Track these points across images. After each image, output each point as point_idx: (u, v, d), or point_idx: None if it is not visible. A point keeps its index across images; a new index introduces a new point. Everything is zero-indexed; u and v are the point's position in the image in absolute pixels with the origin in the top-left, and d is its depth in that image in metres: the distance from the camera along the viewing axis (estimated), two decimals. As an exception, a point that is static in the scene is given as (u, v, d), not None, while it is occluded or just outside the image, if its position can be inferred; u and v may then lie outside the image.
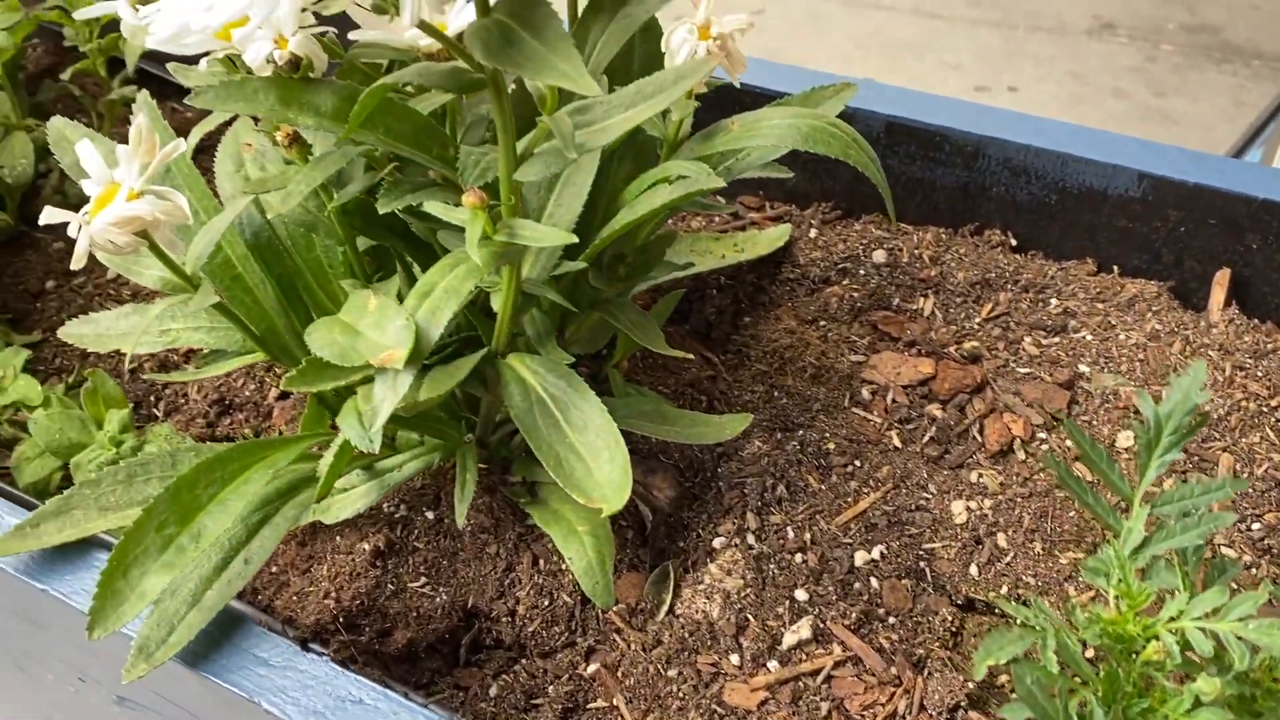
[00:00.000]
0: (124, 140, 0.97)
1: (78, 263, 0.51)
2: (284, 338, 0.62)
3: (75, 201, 0.90)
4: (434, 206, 0.50)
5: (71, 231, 0.51)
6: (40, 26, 0.95)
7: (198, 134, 0.58)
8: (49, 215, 0.50)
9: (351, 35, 0.54)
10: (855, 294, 0.75)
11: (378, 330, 0.48)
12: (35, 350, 0.80)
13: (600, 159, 0.60)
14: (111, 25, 0.92)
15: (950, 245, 0.77)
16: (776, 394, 0.69)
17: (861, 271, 0.76)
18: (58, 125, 0.63)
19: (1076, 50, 2.21)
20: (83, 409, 0.71)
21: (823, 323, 0.73)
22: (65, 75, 0.88)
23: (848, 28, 2.29)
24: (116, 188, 0.51)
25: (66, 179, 0.90)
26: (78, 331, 0.66)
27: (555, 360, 0.55)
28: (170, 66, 0.59)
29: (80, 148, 0.52)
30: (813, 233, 0.80)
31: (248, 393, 0.76)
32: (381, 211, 0.51)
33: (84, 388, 0.71)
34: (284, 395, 0.76)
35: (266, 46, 0.49)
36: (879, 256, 0.77)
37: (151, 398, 0.77)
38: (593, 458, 0.50)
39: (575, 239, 0.48)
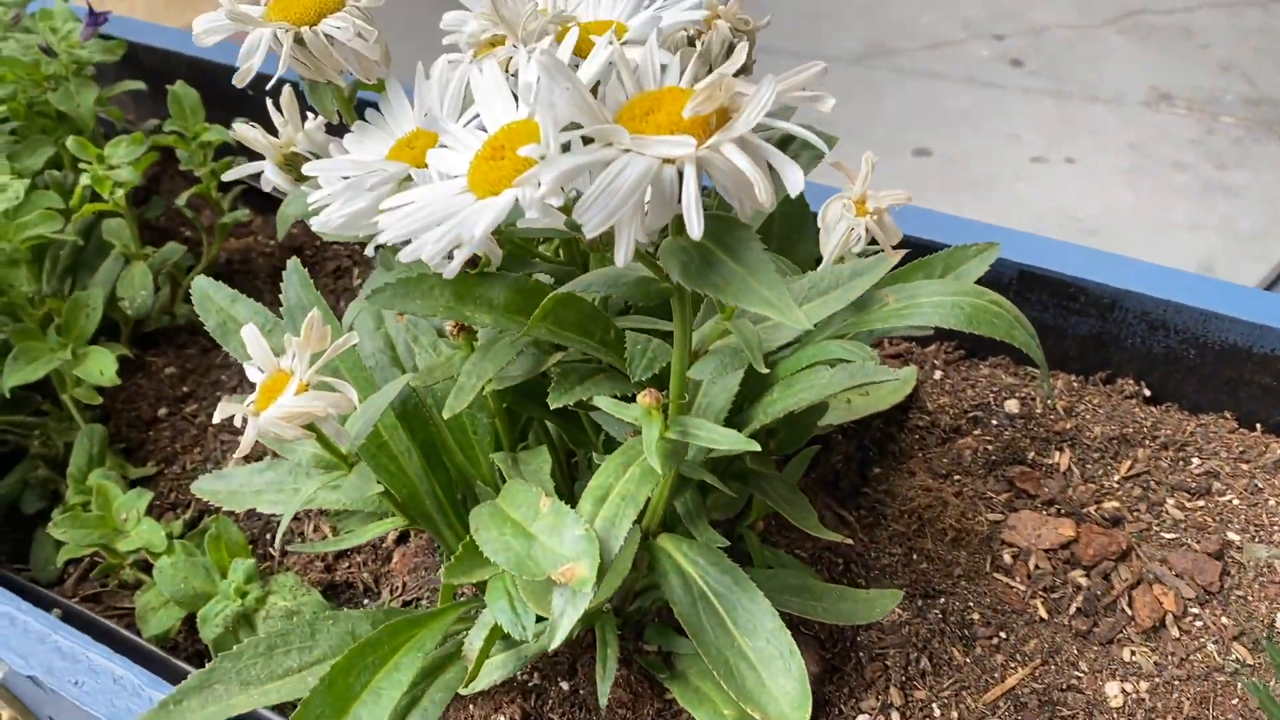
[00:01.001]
0: (233, 264, 0.97)
1: (242, 453, 0.50)
2: (425, 504, 0.61)
3: (184, 323, 0.91)
4: (604, 402, 0.49)
5: (238, 422, 0.50)
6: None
7: (353, 314, 0.57)
8: (222, 411, 0.50)
9: (521, 224, 0.54)
10: (989, 446, 0.73)
11: (553, 537, 0.47)
12: (149, 484, 0.80)
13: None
14: (224, 149, 0.93)
15: (1083, 395, 0.76)
16: (915, 557, 0.67)
17: (994, 422, 0.74)
18: (203, 286, 0.63)
19: (1134, 122, 2.19)
20: (205, 555, 0.70)
21: (957, 477, 0.72)
22: (181, 200, 0.89)
23: (902, 96, 2.28)
24: (283, 377, 0.51)
25: (176, 298, 0.91)
26: (211, 488, 0.66)
27: (713, 548, 0.54)
28: (314, 227, 0.58)
29: (246, 333, 0.51)
30: (938, 374, 0.79)
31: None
32: (553, 407, 0.50)
33: (208, 535, 0.70)
34: (402, 539, 0.75)
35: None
36: (1011, 406, 0.75)
37: (267, 535, 0.76)
38: (765, 667, 0.49)
39: (757, 447, 0.47)
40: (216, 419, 0.49)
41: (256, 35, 0.52)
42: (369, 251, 0.55)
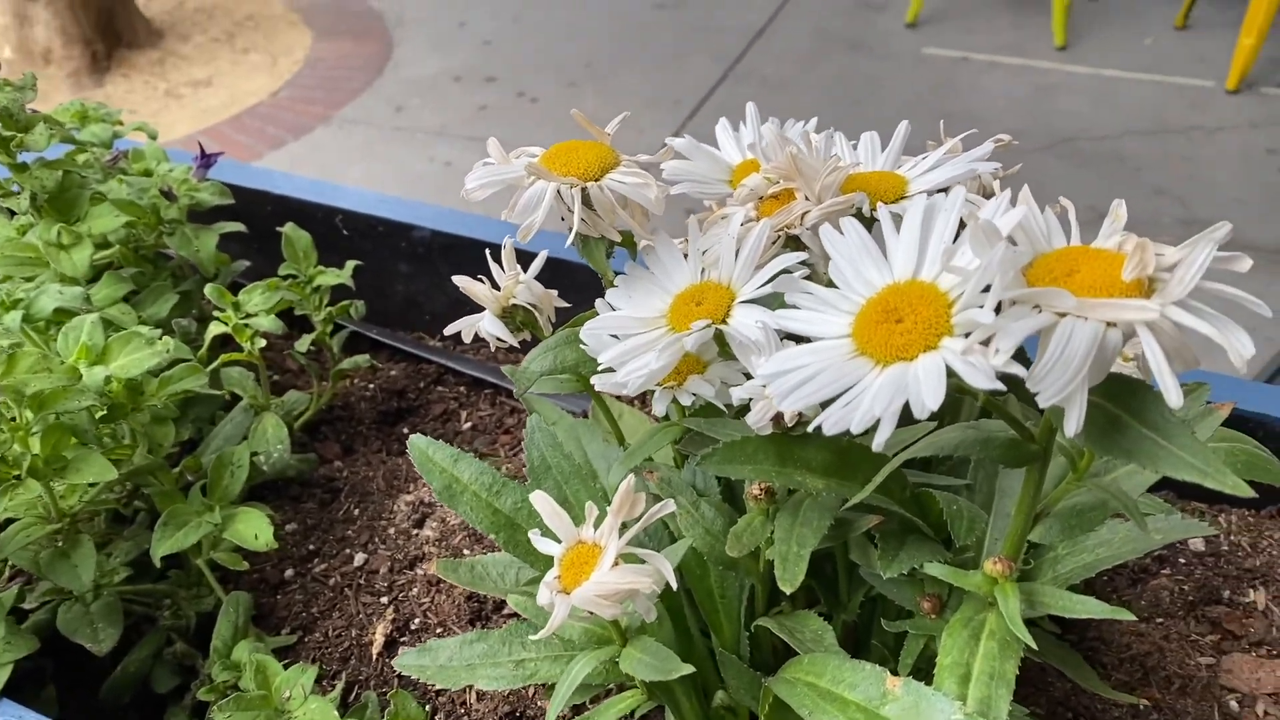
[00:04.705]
0: (335, 410, 0.92)
1: (548, 633, 0.46)
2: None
3: (295, 474, 0.85)
4: (937, 569, 0.47)
5: (544, 600, 0.47)
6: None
7: (618, 474, 0.54)
8: (512, 601, 0.46)
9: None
10: (1183, 586, 0.72)
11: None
12: (290, 654, 0.73)
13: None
14: (340, 292, 0.89)
15: (1260, 530, 0.76)
16: (1143, 707, 0.65)
17: (1182, 560, 0.74)
18: (420, 445, 0.59)
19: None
20: (384, 735, 0.64)
21: (1159, 620, 0.70)
22: (303, 346, 0.84)
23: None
24: (586, 549, 0.47)
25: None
26: (417, 663, 0.61)
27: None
28: (599, 387, 0.55)
29: (542, 506, 0.48)
30: (1106, 512, 0.78)
31: (540, 703, 0.70)
32: (887, 577, 0.47)
33: (388, 713, 0.64)
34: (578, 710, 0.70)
35: (774, 409, 0.46)
36: (1197, 544, 0.74)
37: (426, 708, 0.70)
38: None
39: (1130, 615, 0.44)
40: (544, 598, 0.45)
41: (540, 190, 0.50)
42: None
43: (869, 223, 0.51)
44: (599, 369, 0.50)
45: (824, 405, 0.40)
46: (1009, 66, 2.90)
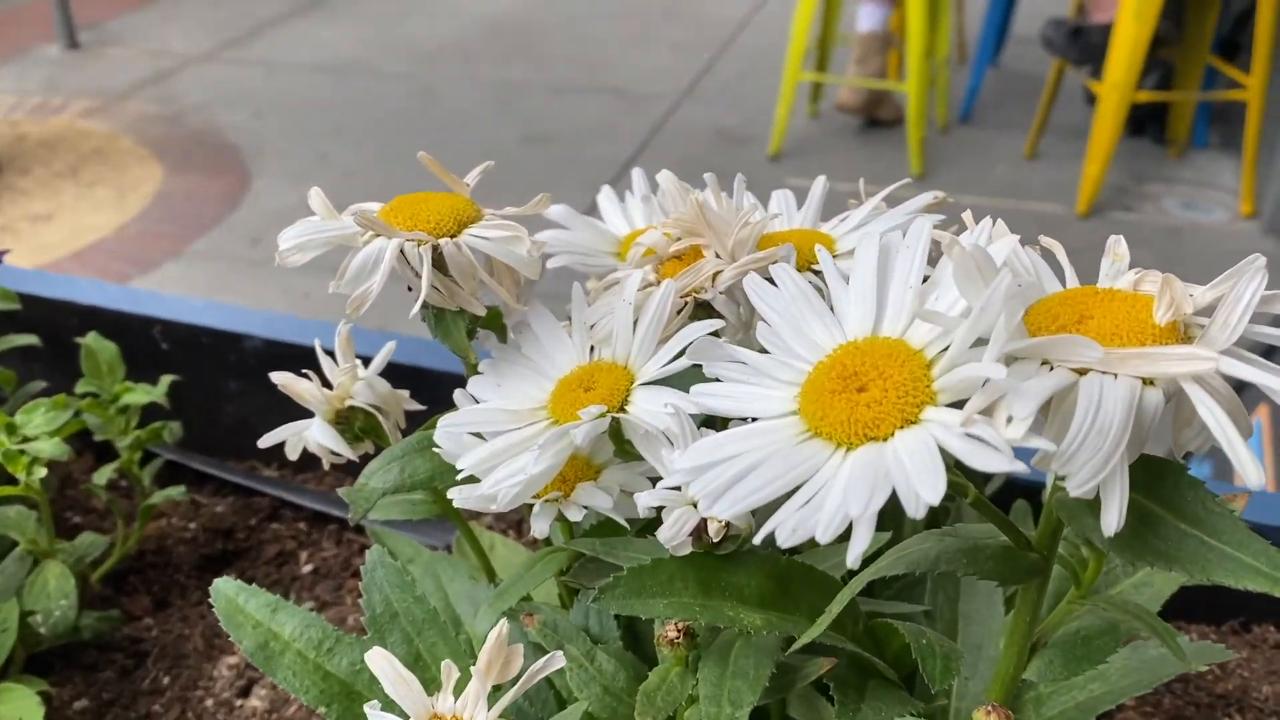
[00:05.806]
0: (146, 555, 0.77)
1: None
2: None
3: (90, 637, 0.69)
4: (913, 725, 0.36)
5: (382, 804, 0.33)
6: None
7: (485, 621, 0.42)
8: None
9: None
10: (1155, 717, 0.62)
11: None
12: None
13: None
14: (151, 413, 0.75)
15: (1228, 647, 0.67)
16: None
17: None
18: (227, 591, 0.46)
19: None
20: None
21: (1134, 761, 0.60)
22: (101, 478, 0.69)
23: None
24: (444, 725, 0.35)
25: (80, 605, 0.69)
26: None
27: None
28: (459, 503, 0.44)
29: (380, 667, 0.35)
30: (1052, 637, 0.68)
31: None
32: (850, 738, 0.36)
33: None
34: None
35: (694, 519, 0.35)
36: (1160, 669, 0.65)
37: None
38: None
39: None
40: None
41: (377, 249, 0.39)
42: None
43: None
44: (459, 478, 0.38)
45: (755, 513, 0.30)
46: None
